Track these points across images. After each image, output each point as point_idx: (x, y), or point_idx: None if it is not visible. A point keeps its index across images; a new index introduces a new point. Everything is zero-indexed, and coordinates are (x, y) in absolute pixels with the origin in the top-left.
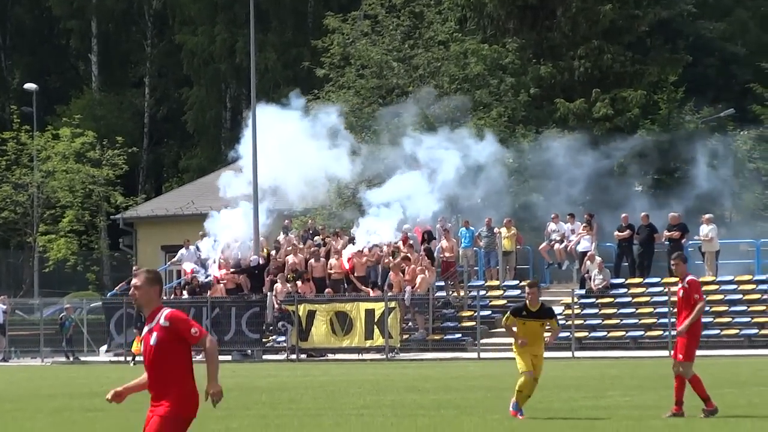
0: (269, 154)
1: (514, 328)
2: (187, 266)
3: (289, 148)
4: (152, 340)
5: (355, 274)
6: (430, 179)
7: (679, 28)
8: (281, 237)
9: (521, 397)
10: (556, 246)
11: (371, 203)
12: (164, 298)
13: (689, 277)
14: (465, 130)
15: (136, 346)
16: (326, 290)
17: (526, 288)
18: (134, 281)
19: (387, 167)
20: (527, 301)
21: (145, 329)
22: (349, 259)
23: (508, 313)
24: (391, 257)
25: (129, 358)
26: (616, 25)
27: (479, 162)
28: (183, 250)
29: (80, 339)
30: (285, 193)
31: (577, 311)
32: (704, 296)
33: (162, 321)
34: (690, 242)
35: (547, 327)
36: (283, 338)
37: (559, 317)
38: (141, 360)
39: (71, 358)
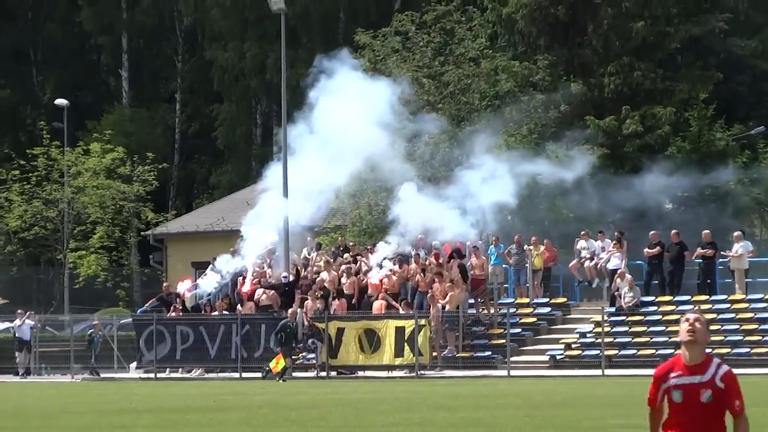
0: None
1: None
2: (208, 285)
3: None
4: (705, 397)
5: (387, 291)
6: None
7: (710, 46)
8: (313, 254)
9: None
10: (587, 263)
11: (447, 196)
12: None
13: None
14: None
15: (275, 364)
16: (373, 307)
17: None
18: (697, 317)
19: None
20: None
21: (690, 380)
22: (380, 280)
23: None
24: (421, 274)
25: (259, 374)
26: (647, 42)
27: (565, 180)
28: (209, 270)
29: (110, 355)
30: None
31: (607, 329)
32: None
33: (718, 380)
34: (719, 260)
35: None
36: (312, 355)
37: (588, 335)
38: (273, 375)
39: (98, 375)
